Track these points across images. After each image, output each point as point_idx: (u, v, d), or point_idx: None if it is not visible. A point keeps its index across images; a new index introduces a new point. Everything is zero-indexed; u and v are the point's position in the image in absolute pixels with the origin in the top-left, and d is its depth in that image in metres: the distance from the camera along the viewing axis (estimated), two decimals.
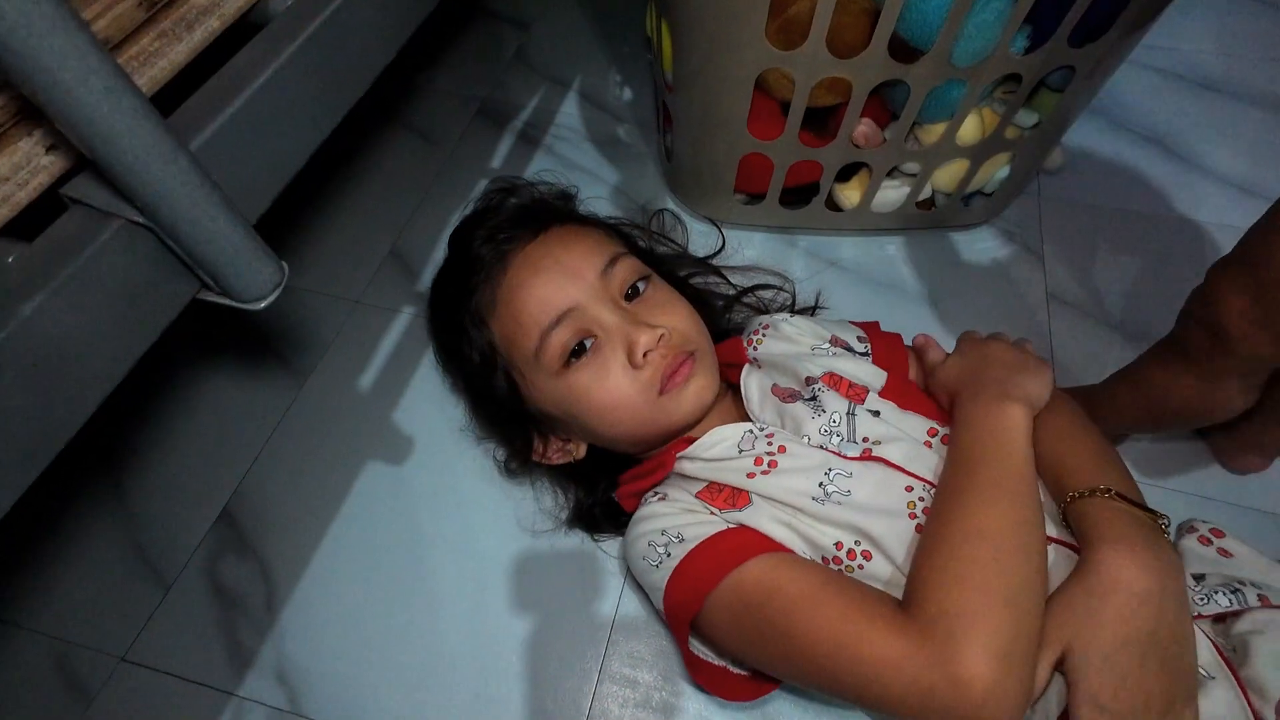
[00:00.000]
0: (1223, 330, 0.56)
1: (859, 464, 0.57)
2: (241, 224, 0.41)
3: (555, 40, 1.24)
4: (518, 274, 0.64)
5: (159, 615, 0.70)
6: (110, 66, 0.31)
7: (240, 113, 0.42)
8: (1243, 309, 0.54)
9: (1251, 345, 0.55)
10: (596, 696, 0.66)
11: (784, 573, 0.53)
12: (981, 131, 0.82)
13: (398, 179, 1.04)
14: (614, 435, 0.65)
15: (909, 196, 0.90)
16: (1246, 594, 0.51)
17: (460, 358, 0.69)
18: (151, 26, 0.42)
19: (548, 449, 0.70)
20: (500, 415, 0.70)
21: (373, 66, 0.54)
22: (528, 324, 0.62)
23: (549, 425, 0.68)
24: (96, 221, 0.37)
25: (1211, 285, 0.58)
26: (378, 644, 0.69)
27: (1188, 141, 1.05)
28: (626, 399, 0.61)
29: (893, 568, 0.53)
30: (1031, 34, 0.72)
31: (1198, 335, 0.60)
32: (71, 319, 0.36)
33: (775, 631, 0.51)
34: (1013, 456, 0.53)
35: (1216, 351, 0.58)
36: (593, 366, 0.61)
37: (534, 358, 0.62)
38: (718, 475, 0.60)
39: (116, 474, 0.79)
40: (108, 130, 0.32)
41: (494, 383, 0.66)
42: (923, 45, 0.70)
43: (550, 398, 0.64)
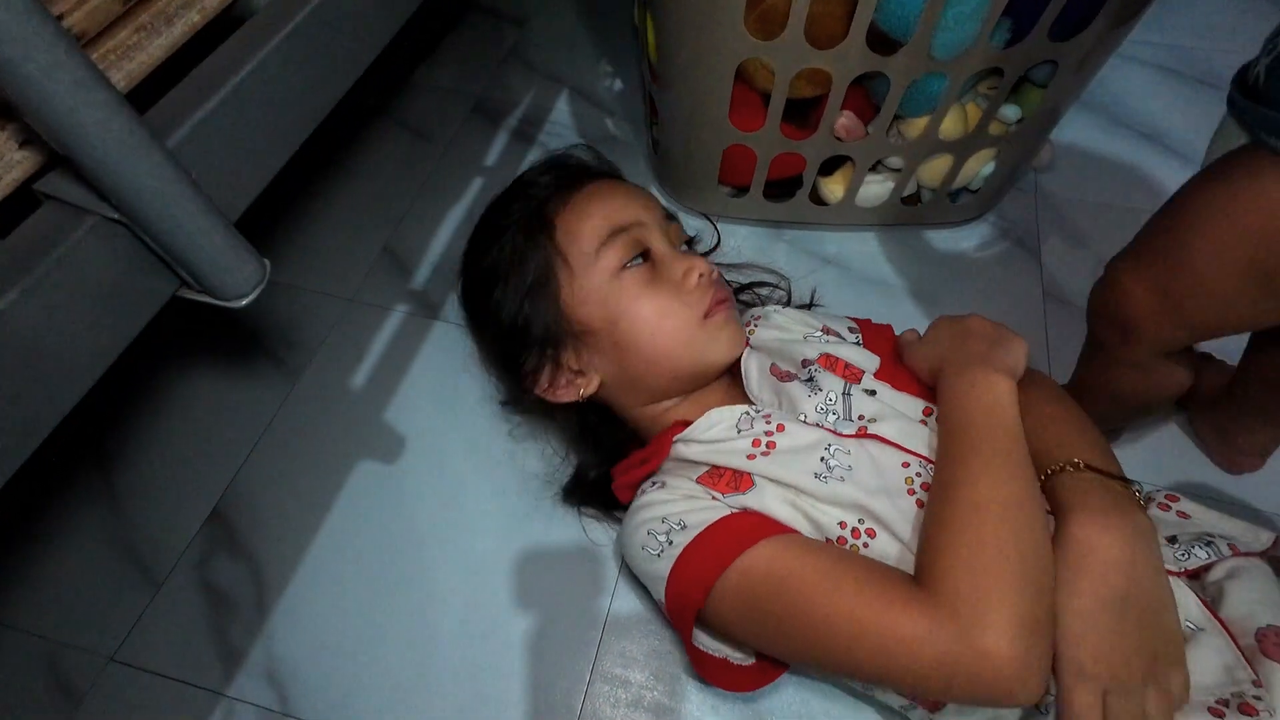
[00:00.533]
0: (1128, 322, 0.58)
1: (855, 441, 0.57)
2: (221, 221, 0.40)
3: (550, 37, 1.24)
4: (595, 187, 0.68)
5: (149, 615, 0.70)
6: (80, 60, 0.31)
7: (220, 108, 0.42)
8: (1146, 298, 0.56)
9: (1157, 332, 0.57)
10: (588, 696, 0.66)
11: (794, 556, 0.52)
12: (965, 126, 0.82)
13: (392, 176, 1.04)
14: (649, 353, 0.64)
15: (894, 191, 0.89)
16: (1219, 545, 0.53)
17: (494, 259, 0.68)
18: (129, 20, 0.41)
19: (556, 381, 0.67)
20: (522, 330, 0.66)
21: (358, 62, 0.54)
22: (598, 220, 0.64)
23: (573, 341, 0.66)
24: (71, 218, 0.37)
25: (1112, 278, 0.60)
26: (368, 644, 0.68)
27: (1185, 138, 1.05)
28: (673, 310, 0.63)
29: (899, 545, 0.53)
30: (1013, 27, 0.72)
31: (1106, 330, 0.62)
32: (46, 316, 0.36)
33: (789, 618, 0.51)
34: (1006, 426, 0.53)
35: (1129, 343, 0.60)
36: (647, 275, 0.64)
37: (594, 254, 0.63)
38: (717, 458, 0.60)
39: (107, 472, 0.78)
40: (77, 125, 0.31)
41: (533, 282, 0.65)
42: (901, 36, 0.70)
43: (597, 297, 0.63)
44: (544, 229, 0.66)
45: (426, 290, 0.92)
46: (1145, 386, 0.65)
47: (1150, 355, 0.60)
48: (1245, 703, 0.46)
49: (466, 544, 0.73)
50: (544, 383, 0.67)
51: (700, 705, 0.65)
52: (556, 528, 0.74)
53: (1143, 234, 0.58)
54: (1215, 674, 0.48)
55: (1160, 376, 0.63)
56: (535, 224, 0.66)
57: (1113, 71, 1.14)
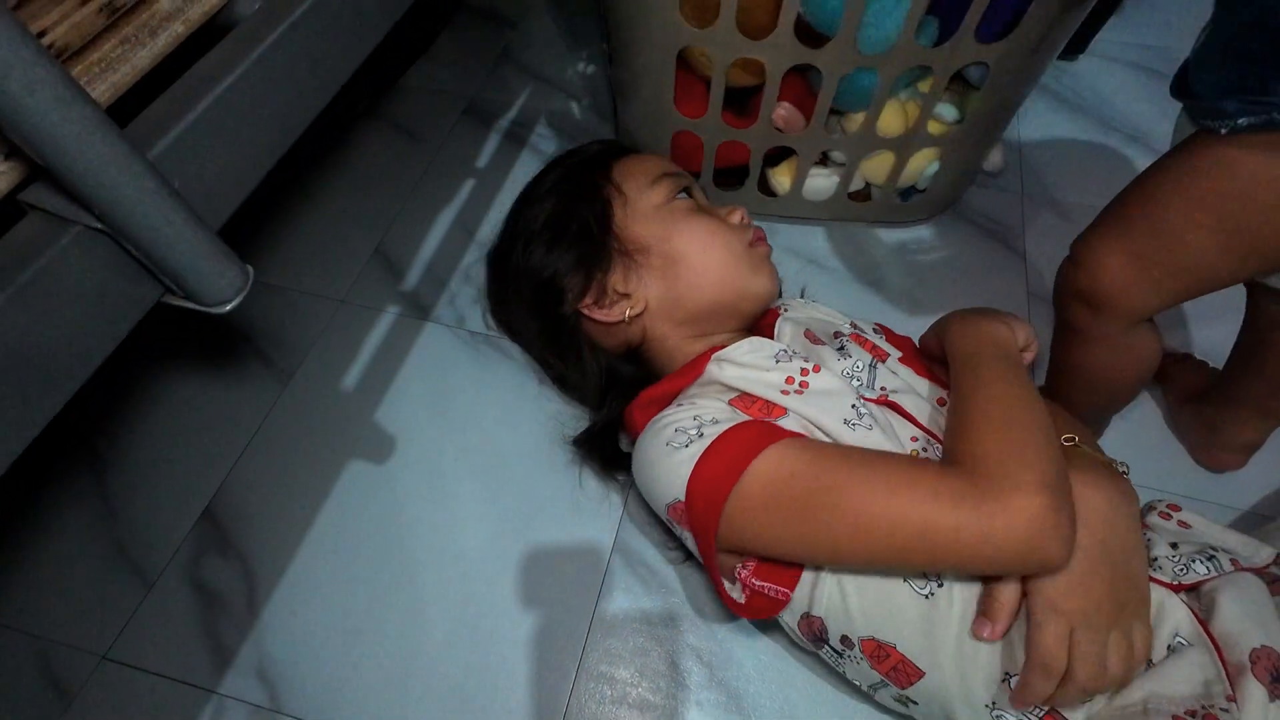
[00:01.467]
0: (1102, 295, 0.60)
1: (875, 406, 0.60)
2: (203, 229, 0.41)
3: (542, 39, 1.25)
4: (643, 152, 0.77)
5: (141, 614, 0.71)
6: (59, 75, 0.32)
7: (203, 118, 0.42)
8: (1118, 267, 0.59)
9: (1129, 301, 0.60)
10: (574, 693, 0.67)
11: (828, 448, 0.55)
12: (905, 124, 0.83)
13: (383, 178, 1.05)
14: (698, 266, 0.68)
15: (839, 185, 0.91)
16: (1220, 560, 0.54)
17: (546, 199, 0.73)
18: (113, 33, 0.42)
19: (602, 299, 0.69)
20: (574, 252, 0.69)
21: (343, 70, 0.54)
22: (650, 164, 0.73)
23: (623, 262, 0.69)
24: (55, 228, 0.37)
25: (1079, 256, 0.62)
26: (358, 642, 0.69)
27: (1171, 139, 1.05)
28: (721, 230, 0.69)
29: None
30: (940, 27, 0.73)
31: (1075, 307, 0.64)
32: (30, 323, 0.37)
33: (825, 507, 0.51)
34: (1011, 356, 0.58)
35: (1101, 317, 0.62)
36: (696, 205, 0.71)
37: (649, 185, 0.70)
38: (751, 386, 0.61)
39: (99, 473, 0.79)
40: (58, 139, 0.32)
41: (587, 208, 0.70)
42: (827, 30, 0.71)
43: (652, 216, 0.69)
44: (599, 168, 0.72)
45: (417, 292, 0.93)
46: (1120, 362, 0.67)
47: (1122, 327, 0.63)
48: (1211, 713, 0.46)
49: (455, 544, 0.74)
50: (590, 300, 0.69)
51: (685, 701, 0.66)
52: (545, 528, 0.75)
53: (1109, 212, 0.61)
54: (1193, 686, 0.48)
55: (1133, 349, 0.65)
56: (590, 165, 0.73)
57: (1099, 73, 1.15)
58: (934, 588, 0.53)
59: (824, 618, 0.57)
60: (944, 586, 0.53)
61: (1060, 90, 1.14)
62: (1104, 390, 0.71)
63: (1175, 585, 0.53)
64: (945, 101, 0.84)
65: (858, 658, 0.57)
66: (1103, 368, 0.67)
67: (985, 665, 0.52)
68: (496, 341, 0.88)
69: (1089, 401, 0.73)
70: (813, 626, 0.58)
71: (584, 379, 0.74)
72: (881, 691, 0.59)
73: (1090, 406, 0.75)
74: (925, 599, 0.53)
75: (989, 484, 0.48)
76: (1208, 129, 0.50)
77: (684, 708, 0.66)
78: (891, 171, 0.88)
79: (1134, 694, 0.49)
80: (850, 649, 0.57)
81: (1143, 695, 0.49)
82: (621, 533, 0.74)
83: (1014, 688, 0.50)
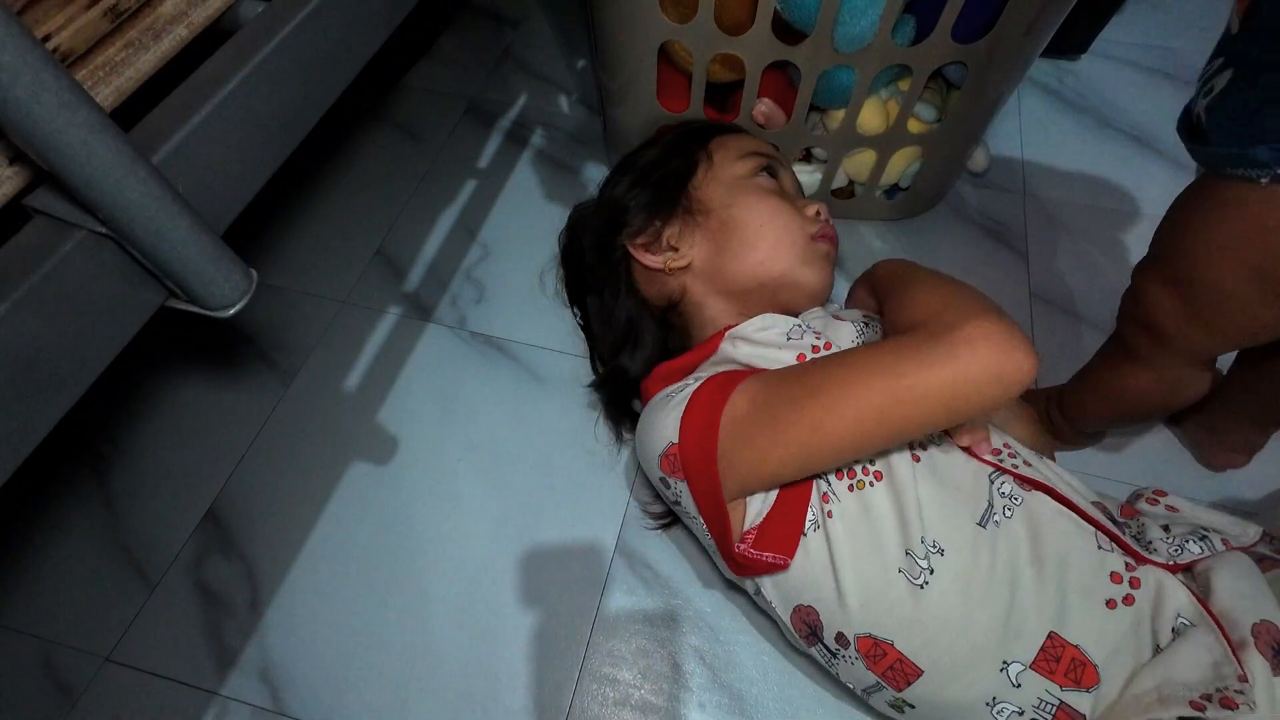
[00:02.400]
0: (1159, 328, 0.59)
1: None
2: (207, 233, 0.41)
3: (544, 38, 1.24)
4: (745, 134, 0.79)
5: (144, 615, 0.71)
6: (65, 81, 0.32)
7: (206, 122, 0.42)
8: (1172, 308, 0.58)
9: (1186, 340, 0.58)
10: (577, 694, 0.67)
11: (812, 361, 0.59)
12: (885, 122, 0.83)
13: (385, 178, 1.05)
14: (752, 239, 0.69)
15: (822, 182, 0.91)
16: (1213, 540, 0.55)
17: (657, 144, 0.78)
18: (118, 37, 0.42)
19: (653, 245, 0.72)
20: (645, 191, 0.74)
21: (346, 72, 0.54)
22: (748, 144, 0.75)
23: (684, 218, 0.72)
24: (59, 232, 0.37)
25: (1139, 287, 0.61)
26: (360, 643, 0.69)
27: (1174, 140, 1.03)
28: (787, 213, 0.70)
29: (895, 493, 0.55)
30: (917, 25, 0.73)
31: (1137, 334, 0.62)
32: (36, 328, 0.37)
33: (807, 401, 0.53)
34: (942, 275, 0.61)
35: (1157, 348, 0.61)
36: (776, 187, 0.73)
37: (738, 158, 0.73)
38: (762, 364, 0.62)
39: (102, 475, 0.79)
40: (63, 145, 0.32)
41: (674, 161, 0.74)
42: (804, 26, 0.71)
43: (727, 181, 0.72)
44: (703, 136, 0.76)
45: (419, 292, 0.93)
46: (1162, 394, 0.65)
47: (1180, 362, 0.61)
48: (1226, 696, 0.47)
49: (458, 545, 0.74)
50: (641, 240, 0.72)
51: (687, 703, 0.66)
52: (547, 529, 0.75)
53: (1156, 242, 0.60)
54: (1203, 670, 0.48)
55: (1184, 384, 0.64)
56: (698, 133, 0.77)
57: (1101, 73, 1.15)
58: (927, 576, 0.53)
59: (818, 610, 0.57)
60: (935, 574, 0.53)
61: (1062, 90, 1.13)
62: (1135, 413, 0.70)
63: (1172, 566, 0.54)
64: (925, 101, 0.84)
65: (853, 657, 0.56)
66: (1143, 395, 0.66)
67: (982, 654, 0.52)
68: (498, 342, 0.88)
69: (1111, 416, 0.72)
70: (808, 620, 0.58)
71: (609, 320, 0.77)
72: (876, 695, 0.58)
73: (1112, 421, 0.75)
74: (920, 589, 0.53)
75: (942, 329, 0.50)
76: (1242, 179, 0.49)
77: (686, 709, 0.66)
78: (874, 169, 0.88)
79: (1146, 682, 0.49)
80: (845, 648, 0.56)
81: (1155, 683, 0.49)
82: (624, 534, 0.75)
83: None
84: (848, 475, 0.56)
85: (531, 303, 0.91)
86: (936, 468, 0.56)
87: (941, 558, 0.53)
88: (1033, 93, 1.13)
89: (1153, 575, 0.53)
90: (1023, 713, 0.51)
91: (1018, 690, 0.51)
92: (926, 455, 0.57)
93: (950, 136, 0.85)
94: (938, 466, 0.57)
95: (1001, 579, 0.53)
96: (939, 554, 0.53)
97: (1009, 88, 0.82)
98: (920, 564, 0.53)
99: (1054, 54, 1.17)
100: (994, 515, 0.55)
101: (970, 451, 0.58)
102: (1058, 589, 0.52)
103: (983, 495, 0.56)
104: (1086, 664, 0.50)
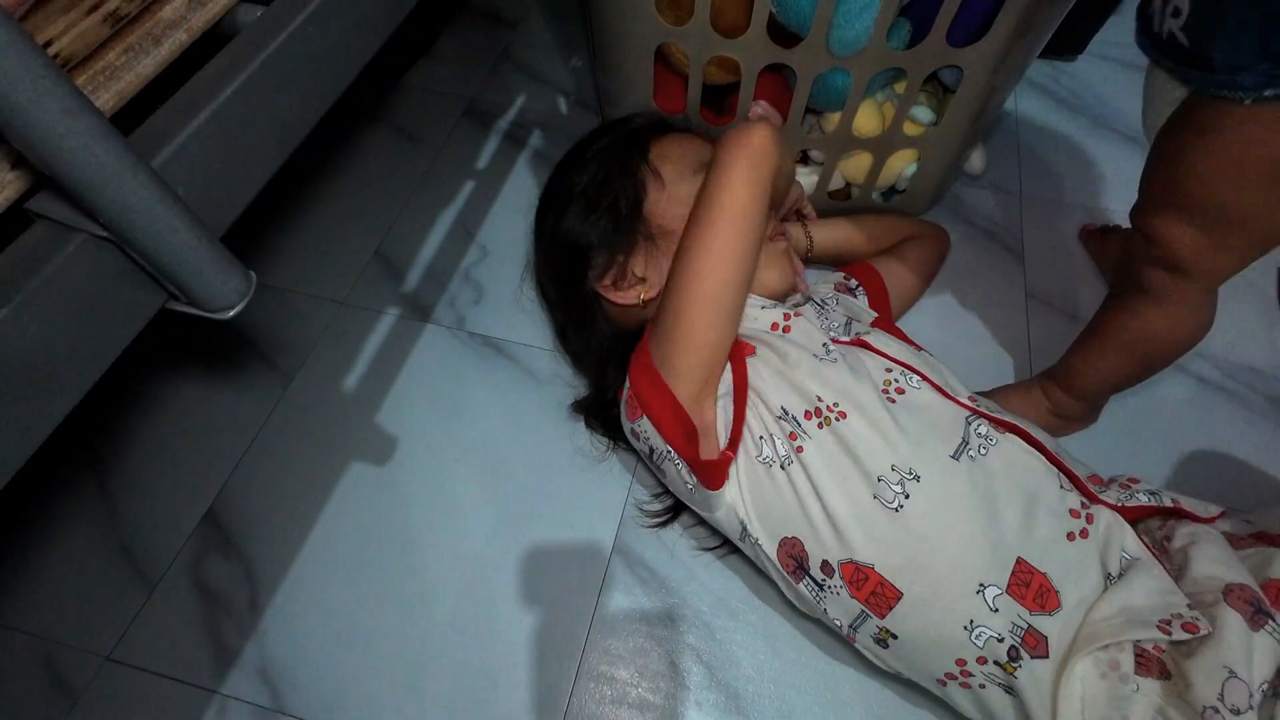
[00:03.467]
0: (1180, 263, 0.61)
1: (848, 347, 0.67)
2: (207, 237, 0.41)
3: (543, 39, 1.25)
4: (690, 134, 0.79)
5: (144, 615, 0.71)
6: (66, 88, 0.32)
7: (205, 126, 0.43)
8: (1190, 239, 0.59)
9: (1211, 267, 0.60)
10: (574, 693, 0.67)
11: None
12: (882, 125, 0.83)
13: (384, 180, 1.05)
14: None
15: (819, 184, 0.91)
16: (1162, 497, 0.61)
17: (584, 170, 0.75)
18: (118, 42, 0.42)
19: (620, 282, 0.73)
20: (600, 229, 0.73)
21: (344, 76, 0.54)
22: (692, 151, 0.74)
23: (646, 247, 0.72)
24: (60, 236, 0.38)
25: (1149, 228, 0.62)
26: (359, 642, 0.70)
27: None
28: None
29: (866, 425, 0.60)
30: (912, 29, 0.74)
31: (1158, 276, 0.63)
32: (36, 331, 0.37)
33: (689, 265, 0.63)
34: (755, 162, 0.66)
35: (1180, 283, 0.62)
36: None
37: (691, 174, 0.72)
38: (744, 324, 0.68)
39: (102, 475, 0.80)
40: (64, 151, 0.32)
41: (621, 187, 0.72)
42: (799, 30, 0.72)
43: (682, 205, 0.69)
44: (639, 147, 0.74)
45: (418, 293, 0.93)
46: (1184, 331, 0.67)
47: (1202, 289, 0.63)
48: (1187, 622, 0.50)
49: (456, 545, 0.75)
50: (609, 280, 0.72)
51: (685, 702, 0.67)
52: (545, 529, 0.76)
53: (1152, 181, 0.62)
54: (1154, 597, 0.53)
55: (1205, 314, 0.66)
56: (634, 141, 0.75)
57: (1097, 74, 1.15)
58: (901, 500, 0.57)
59: (802, 540, 0.60)
60: (910, 499, 0.57)
61: (1058, 90, 1.14)
62: (1157, 360, 0.71)
63: (1121, 508, 0.59)
64: (921, 104, 0.84)
65: (838, 586, 0.59)
66: (1170, 335, 0.68)
67: (958, 573, 0.55)
68: (497, 343, 0.88)
69: (1130, 371, 0.73)
70: (794, 554, 0.61)
71: (587, 349, 0.79)
72: (863, 629, 0.60)
73: (1128, 378, 0.74)
74: (895, 512, 0.57)
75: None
76: (1226, 99, 0.50)
77: (684, 708, 0.66)
78: (870, 171, 0.89)
79: (1107, 609, 0.53)
80: (830, 577, 0.60)
81: (1117, 607, 0.52)
82: (622, 533, 0.75)
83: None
84: (815, 415, 0.60)
85: (530, 303, 0.91)
86: (913, 407, 0.62)
87: (917, 484, 0.57)
88: (1029, 94, 1.14)
89: (1104, 515, 0.58)
90: (1002, 639, 0.54)
91: (995, 615, 0.54)
92: (903, 398, 0.62)
93: (946, 139, 0.85)
94: (915, 407, 0.62)
95: (976, 506, 0.57)
96: (914, 480, 0.57)
97: (1005, 90, 0.82)
98: (894, 489, 0.57)
99: (1050, 55, 1.17)
100: (969, 450, 0.59)
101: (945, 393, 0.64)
102: (1027, 520, 0.56)
103: (959, 432, 0.60)
104: (1050, 590, 0.54)
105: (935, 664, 0.58)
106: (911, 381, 0.64)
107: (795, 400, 0.61)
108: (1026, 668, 0.53)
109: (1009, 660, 0.54)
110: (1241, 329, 0.88)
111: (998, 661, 0.54)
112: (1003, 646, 0.54)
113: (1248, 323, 0.89)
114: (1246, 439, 0.81)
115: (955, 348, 0.87)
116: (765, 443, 0.61)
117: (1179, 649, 0.51)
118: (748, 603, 0.71)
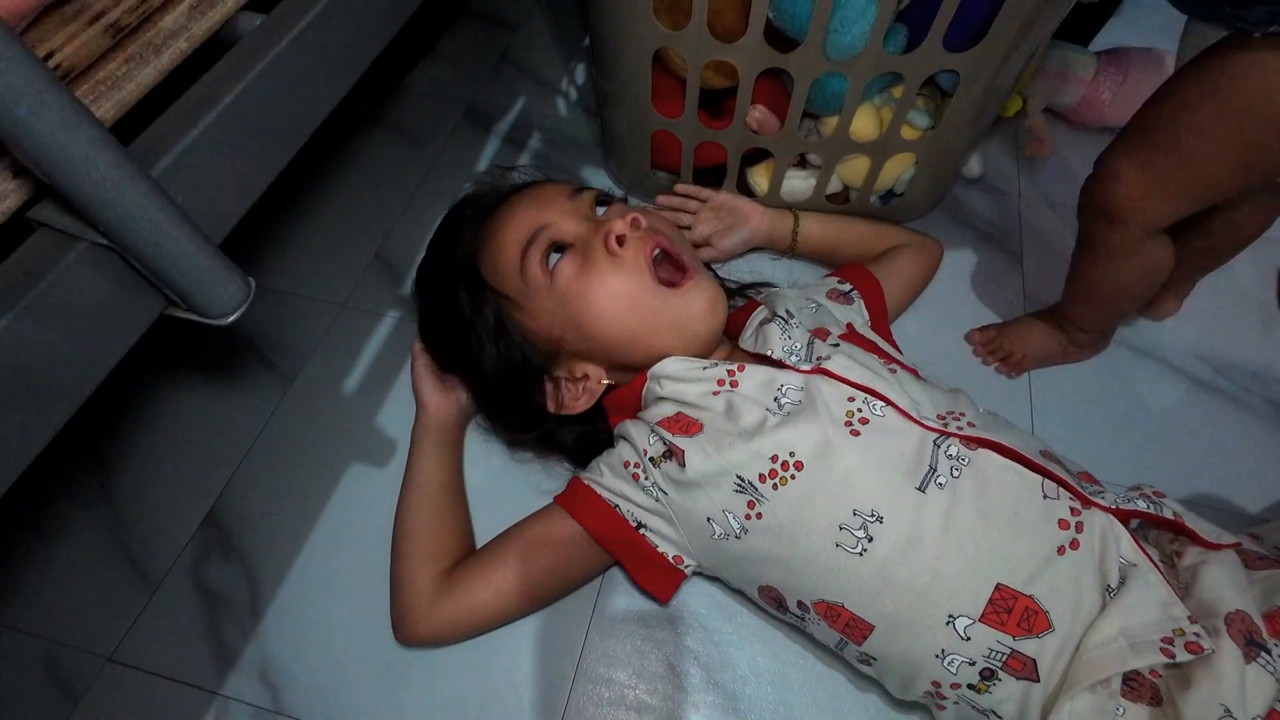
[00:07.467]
0: (1119, 206, 0.64)
1: (807, 377, 0.63)
2: (206, 244, 0.42)
3: (542, 42, 1.25)
4: (496, 216, 0.70)
5: (145, 616, 0.72)
6: (66, 99, 0.32)
7: (205, 135, 0.43)
8: (1133, 181, 0.62)
9: (1145, 211, 0.63)
10: (572, 695, 0.68)
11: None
12: (879, 129, 0.84)
13: (383, 182, 1.05)
14: (620, 334, 0.66)
15: (816, 188, 0.91)
16: (1163, 507, 0.59)
17: (452, 321, 0.70)
18: (119, 52, 0.43)
19: (565, 397, 0.69)
20: (513, 375, 0.69)
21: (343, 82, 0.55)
22: (508, 247, 0.66)
23: (561, 356, 0.68)
24: (61, 244, 0.38)
25: (1104, 166, 0.65)
26: (359, 644, 0.70)
27: None
28: (617, 286, 0.64)
29: (824, 473, 0.58)
30: (909, 34, 0.74)
31: (1098, 221, 0.67)
32: (38, 338, 0.37)
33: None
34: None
35: (1117, 227, 0.66)
36: (577, 263, 0.65)
37: (521, 277, 0.65)
38: (684, 395, 0.64)
39: (104, 477, 0.80)
40: (66, 160, 0.33)
41: (495, 333, 0.67)
42: (796, 34, 0.72)
43: (551, 312, 0.65)
44: (465, 278, 0.68)
45: None
46: (1134, 274, 0.71)
47: (1136, 239, 0.66)
48: (1190, 642, 0.50)
49: None
50: (555, 404, 0.70)
51: (682, 704, 0.67)
52: None
53: (1132, 125, 0.64)
54: (1154, 610, 0.52)
55: (1148, 257, 0.69)
56: (466, 269, 0.69)
57: None
58: (865, 544, 0.56)
59: (776, 586, 0.62)
60: (875, 541, 0.56)
61: None
62: (1115, 303, 0.76)
63: (1115, 510, 0.57)
64: (918, 108, 0.84)
65: (815, 619, 0.61)
66: (1117, 281, 0.72)
67: (924, 609, 0.55)
68: None
69: (1109, 312, 0.78)
70: (771, 595, 0.63)
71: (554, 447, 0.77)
72: (846, 650, 0.62)
73: (1111, 317, 0.81)
74: (859, 556, 0.56)
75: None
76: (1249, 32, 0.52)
77: (681, 710, 0.67)
78: (868, 176, 0.89)
79: (1108, 630, 0.51)
80: (807, 613, 0.61)
81: (1119, 628, 0.51)
82: None
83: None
84: (770, 476, 0.58)
85: None
86: (874, 441, 0.59)
87: (880, 525, 0.56)
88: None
89: (1098, 520, 0.56)
90: (974, 663, 0.54)
91: (967, 643, 0.54)
92: (867, 428, 0.59)
93: (944, 143, 0.86)
94: (880, 434, 0.59)
95: (945, 537, 0.55)
96: (877, 521, 0.56)
97: (1005, 93, 0.83)
98: (856, 534, 0.56)
99: None
100: (937, 477, 0.57)
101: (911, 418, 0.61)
102: (1006, 542, 0.55)
103: (925, 460, 0.58)
104: (1039, 612, 0.53)
105: (914, 685, 0.58)
106: (875, 409, 0.60)
107: (750, 463, 0.59)
108: (1003, 689, 0.53)
109: (981, 680, 0.54)
110: (1240, 331, 0.89)
111: (970, 685, 0.54)
112: (974, 670, 0.54)
113: (1246, 325, 0.89)
114: (1245, 440, 0.81)
115: (952, 350, 0.88)
116: (716, 524, 0.61)
117: (1175, 673, 0.51)
118: (745, 605, 0.71)
